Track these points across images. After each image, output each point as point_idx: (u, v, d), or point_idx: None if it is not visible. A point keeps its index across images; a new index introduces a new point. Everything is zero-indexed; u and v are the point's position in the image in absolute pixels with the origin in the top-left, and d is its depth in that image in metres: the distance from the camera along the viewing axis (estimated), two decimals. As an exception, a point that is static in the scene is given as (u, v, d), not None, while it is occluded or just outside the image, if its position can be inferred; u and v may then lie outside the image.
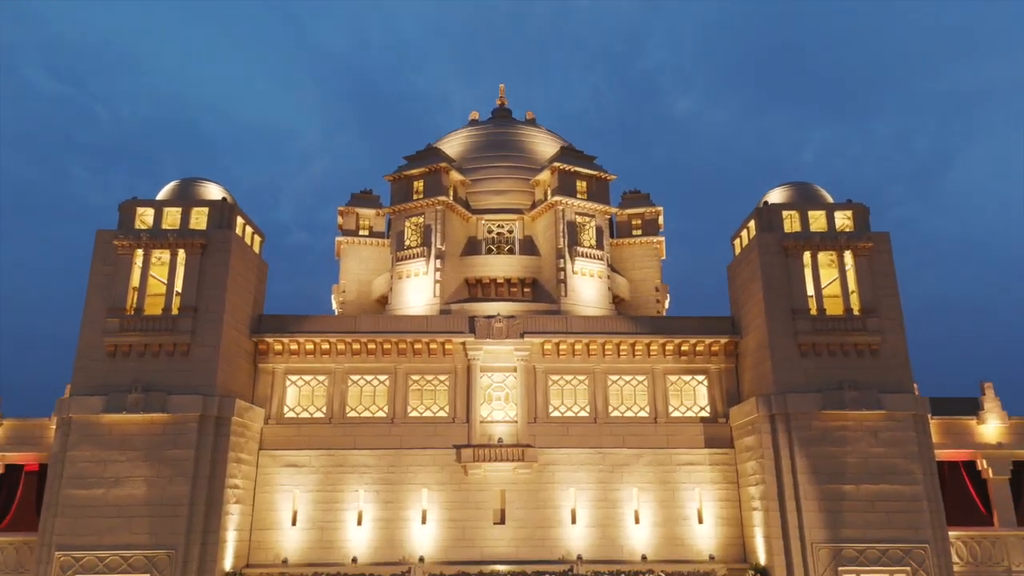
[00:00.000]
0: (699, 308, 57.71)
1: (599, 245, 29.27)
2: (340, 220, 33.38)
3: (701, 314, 26.02)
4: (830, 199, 24.63)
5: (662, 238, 33.03)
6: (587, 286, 28.56)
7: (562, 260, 28.43)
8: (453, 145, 33.94)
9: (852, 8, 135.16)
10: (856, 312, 22.22)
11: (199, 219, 22.97)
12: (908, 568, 19.81)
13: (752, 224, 24.20)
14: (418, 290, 28.36)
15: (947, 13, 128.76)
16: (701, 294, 57.91)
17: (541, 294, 28.82)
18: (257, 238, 25.12)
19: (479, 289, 29.28)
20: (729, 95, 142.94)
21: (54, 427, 21.56)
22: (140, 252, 22.27)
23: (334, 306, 32.35)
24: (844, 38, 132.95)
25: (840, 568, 19.87)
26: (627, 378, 24.72)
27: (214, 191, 24.12)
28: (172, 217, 22.99)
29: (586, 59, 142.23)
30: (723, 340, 24.50)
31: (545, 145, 33.39)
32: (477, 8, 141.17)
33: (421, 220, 29.23)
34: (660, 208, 33.30)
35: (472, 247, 29.94)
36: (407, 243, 29.40)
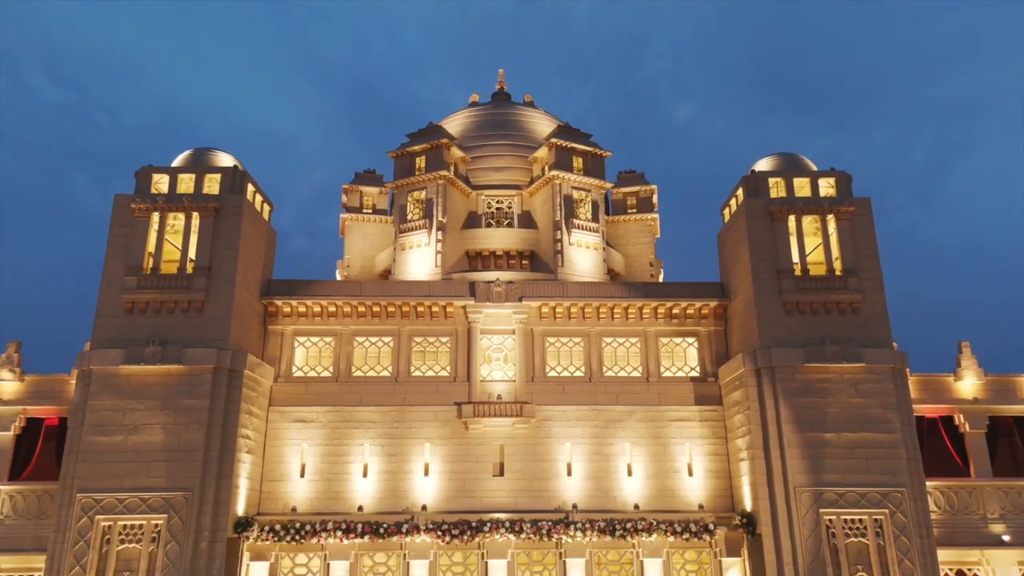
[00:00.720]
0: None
1: (595, 219, 30.39)
2: (344, 198, 34.44)
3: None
4: (814, 168, 25.76)
5: (656, 215, 34.12)
6: (583, 257, 29.67)
7: (559, 232, 29.54)
8: (454, 124, 35.07)
9: (850, 16, 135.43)
10: (838, 273, 23.33)
11: (212, 185, 24.07)
12: (886, 510, 20.88)
13: (740, 191, 25.33)
14: (420, 260, 29.47)
15: (945, 21, 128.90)
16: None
17: (539, 265, 29.91)
18: (267, 206, 26.23)
19: (479, 261, 30.37)
20: (728, 103, 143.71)
21: (73, 381, 22.64)
22: (156, 215, 23.38)
23: (339, 279, 33.40)
24: (842, 46, 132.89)
25: (821, 510, 20.94)
26: (620, 340, 25.81)
27: (226, 159, 25.23)
28: (186, 183, 24.09)
29: (585, 67, 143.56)
30: (712, 303, 25.60)
31: (542, 125, 34.53)
32: (477, 16, 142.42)
33: (423, 194, 30.34)
34: (654, 187, 34.39)
35: (472, 221, 31.05)
36: (409, 216, 30.51)
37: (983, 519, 22.84)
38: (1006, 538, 22.44)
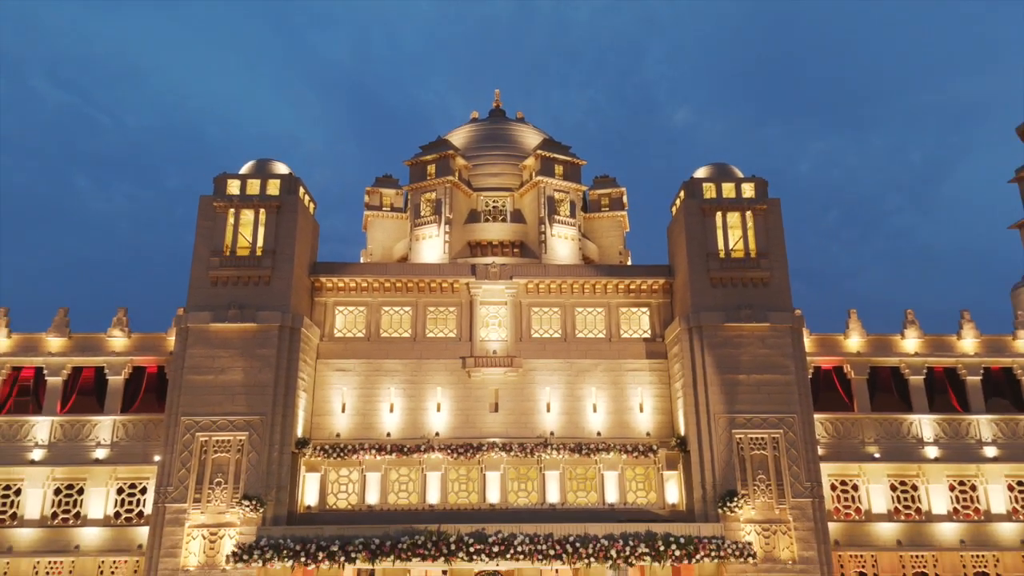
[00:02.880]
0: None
1: (572, 215, 37.57)
2: (367, 198, 41.61)
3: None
4: (741, 175, 32.95)
5: (625, 213, 41.26)
6: (562, 246, 36.85)
7: (543, 226, 36.71)
8: (458, 137, 42.28)
9: (849, 21, 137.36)
10: (753, 256, 30.51)
11: (273, 188, 31.21)
12: (781, 431, 28.08)
13: (682, 193, 32.51)
14: (431, 248, 36.62)
15: (943, 26, 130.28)
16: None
17: (527, 252, 37.09)
18: (312, 204, 33.37)
19: (479, 249, 37.53)
20: (726, 107, 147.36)
21: (169, 337, 29.82)
22: (232, 211, 30.53)
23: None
24: (841, 51, 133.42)
25: (733, 431, 28.12)
26: (589, 309, 32.96)
27: (282, 168, 32.43)
28: (253, 186, 31.22)
29: (585, 72, 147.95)
30: (661, 281, 32.79)
31: (531, 138, 41.76)
32: (478, 21, 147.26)
33: (433, 195, 37.51)
34: (623, 189, 41.56)
35: (473, 217, 38.20)
36: (422, 213, 37.64)
37: (861, 442, 30.03)
38: (877, 455, 29.64)
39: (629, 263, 40.94)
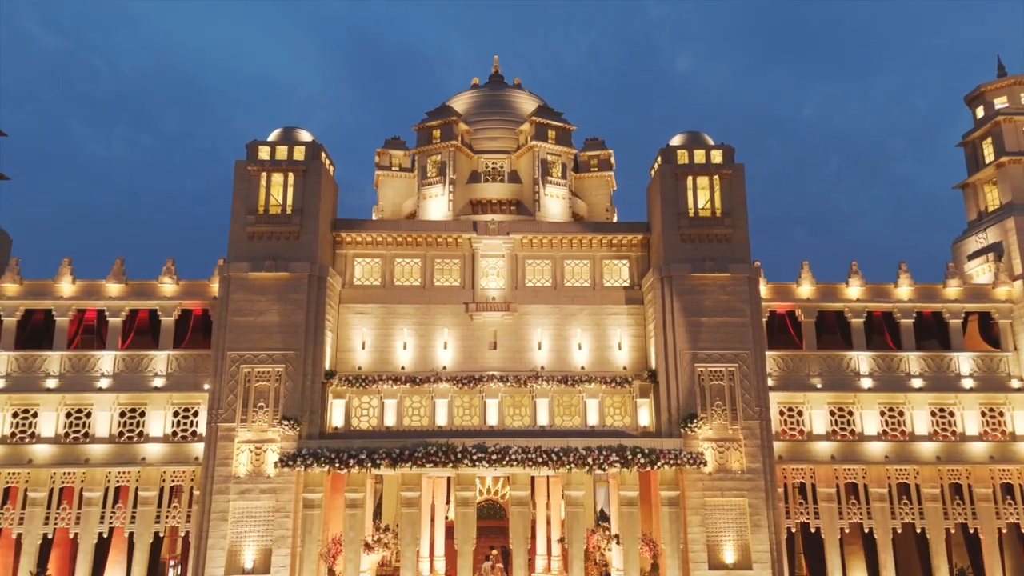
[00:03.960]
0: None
1: (563, 176, 41.91)
2: (377, 159, 45.88)
3: (629, 222, 38.84)
4: (711, 143, 37.19)
5: (612, 173, 45.58)
6: (554, 205, 41.30)
7: (537, 186, 41.09)
8: (460, 103, 46.25)
9: None
10: (718, 215, 35.04)
11: (299, 154, 35.49)
12: (736, 364, 33.08)
13: (659, 159, 36.83)
14: (437, 206, 41.07)
15: None
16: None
17: (523, 210, 41.55)
18: (332, 167, 37.69)
19: (479, 207, 41.96)
20: (728, 52, 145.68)
21: (212, 283, 34.60)
22: (264, 175, 34.90)
23: (375, 219, 45.04)
24: None
25: (696, 364, 33.13)
26: (576, 261, 37.62)
27: (306, 135, 36.66)
28: (281, 152, 35.51)
29: (586, 14, 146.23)
30: (639, 236, 37.36)
31: (527, 104, 45.75)
32: None
33: (438, 158, 41.75)
34: (611, 151, 45.78)
35: (474, 177, 42.52)
36: (428, 174, 41.95)
37: (807, 375, 35.09)
38: (819, 386, 34.75)
39: (615, 219, 45.50)
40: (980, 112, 41.34)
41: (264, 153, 35.60)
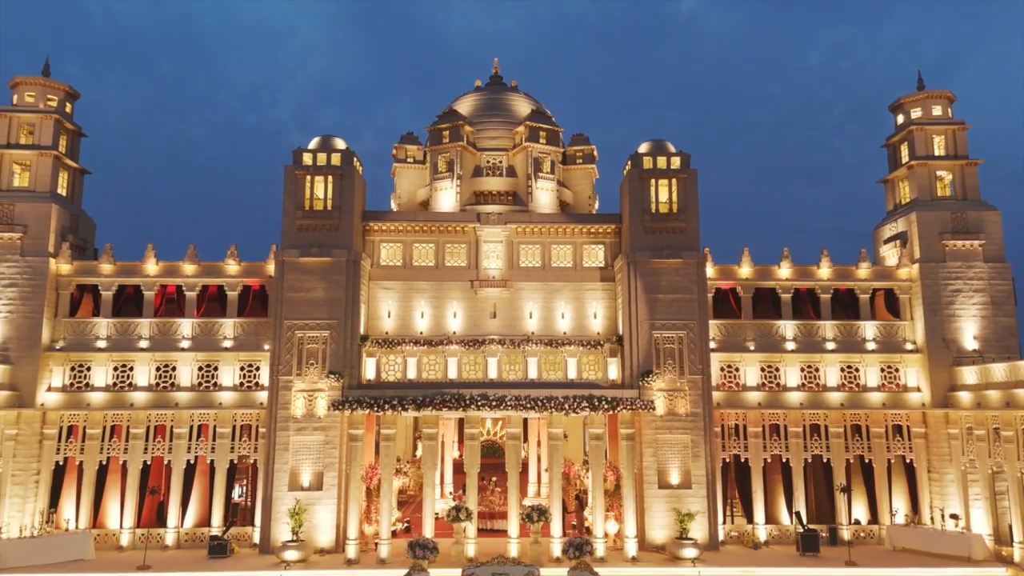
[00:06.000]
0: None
1: (552, 172, 50.10)
2: (394, 152, 53.87)
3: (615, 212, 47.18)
4: (673, 150, 45.32)
5: (595, 166, 53.67)
6: (544, 197, 49.60)
7: (530, 181, 49.31)
8: (464, 105, 54.04)
9: None
10: (675, 211, 43.43)
11: (335, 160, 43.65)
12: (684, 331, 41.91)
13: (630, 163, 45.03)
14: (446, 198, 49.36)
15: None
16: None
17: (518, 201, 49.85)
18: (360, 167, 45.89)
19: (482, 198, 50.19)
20: None
21: (268, 265, 43.22)
22: (308, 177, 43.13)
23: (393, 206, 53.36)
24: None
25: (653, 332, 41.98)
26: (562, 246, 46.13)
27: (341, 144, 44.76)
28: (321, 159, 43.62)
29: None
30: (613, 226, 45.80)
31: (523, 107, 53.56)
32: None
33: (448, 156, 49.83)
34: (594, 146, 53.76)
35: (477, 172, 50.65)
36: (439, 169, 50.08)
37: (743, 340, 44.04)
38: (752, 348, 43.75)
39: (596, 205, 53.81)
40: (900, 119, 49.25)
41: (307, 159, 43.76)
